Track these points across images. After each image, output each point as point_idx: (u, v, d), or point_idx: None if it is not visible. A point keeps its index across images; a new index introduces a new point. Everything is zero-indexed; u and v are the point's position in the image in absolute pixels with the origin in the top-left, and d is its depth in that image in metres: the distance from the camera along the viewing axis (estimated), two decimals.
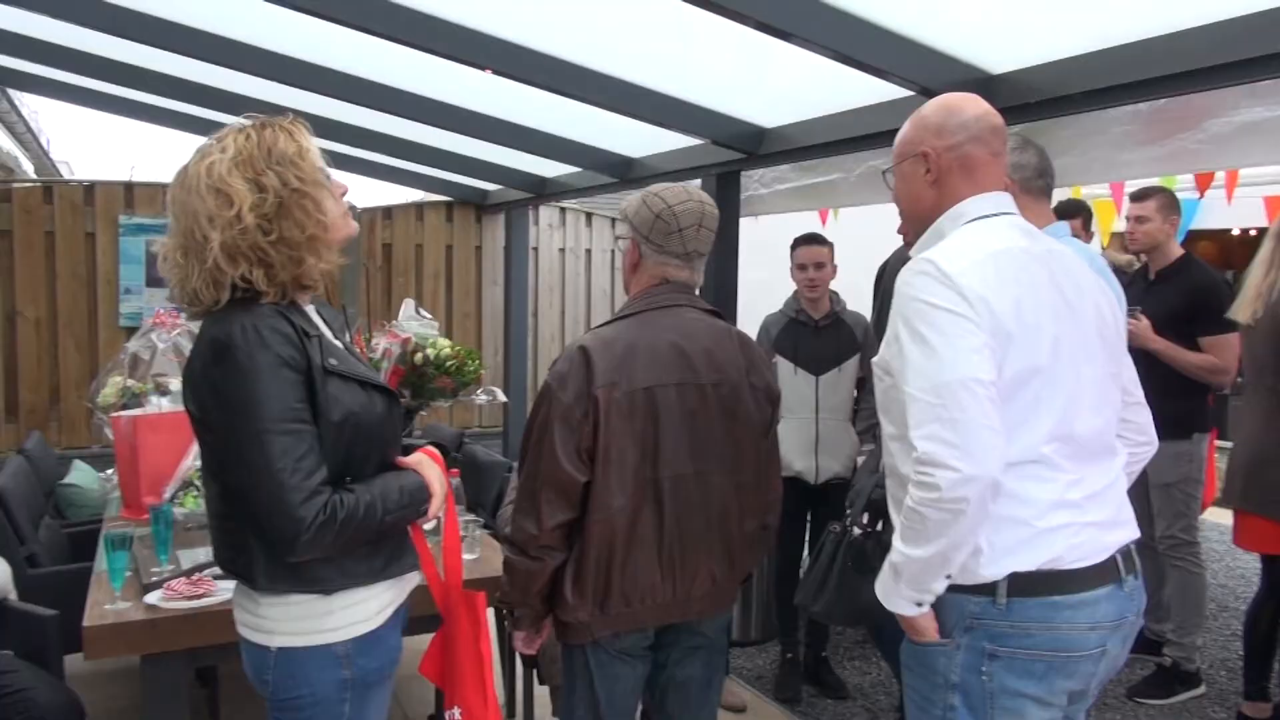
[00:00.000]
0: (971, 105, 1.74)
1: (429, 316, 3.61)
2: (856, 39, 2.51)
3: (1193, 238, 6.01)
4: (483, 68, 3.15)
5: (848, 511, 3.21)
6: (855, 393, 3.77)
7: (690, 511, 2.04)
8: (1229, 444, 3.26)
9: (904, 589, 1.62)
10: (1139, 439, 1.82)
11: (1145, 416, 1.82)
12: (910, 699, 1.74)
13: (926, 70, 2.60)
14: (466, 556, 2.77)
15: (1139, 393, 1.80)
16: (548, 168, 5.10)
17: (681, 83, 3.34)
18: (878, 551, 3.05)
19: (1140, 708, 3.56)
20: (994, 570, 1.56)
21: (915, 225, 1.82)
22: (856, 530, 3.09)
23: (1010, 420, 1.53)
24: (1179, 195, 3.59)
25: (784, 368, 3.75)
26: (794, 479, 3.70)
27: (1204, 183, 3.81)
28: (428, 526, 1.83)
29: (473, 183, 5.94)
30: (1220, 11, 2.05)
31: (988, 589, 1.58)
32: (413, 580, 1.81)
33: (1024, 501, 1.56)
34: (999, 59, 2.54)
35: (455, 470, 3.04)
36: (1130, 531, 1.68)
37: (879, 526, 3.10)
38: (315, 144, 1.69)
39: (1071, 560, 1.57)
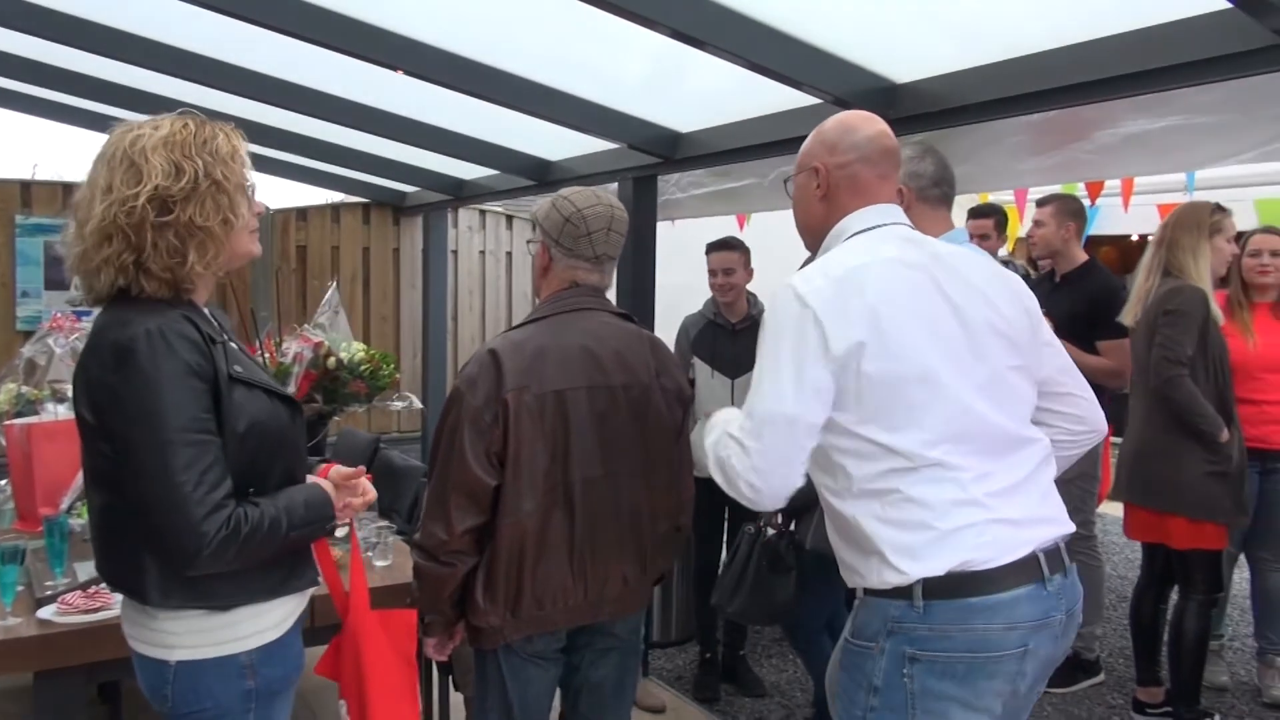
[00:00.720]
0: (867, 126, 1.79)
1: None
2: (770, 49, 2.55)
3: (1094, 243, 6.26)
4: (394, 68, 3.11)
5: (761, 512, 3.26)
6: None
7: (601, 514, 2.06)
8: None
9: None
10: (1077, 429, 1.83)
11: (1083, 407, 1.83)
12: (839, 696, 1.76)
13: (836, 80, 2.66)
14: (379, 564, 2.74)
15: (1070, 382, 1.82)
16: (465, 170, 5.06)
17: (598, 87, 3.35)
18: (791, 551, 3.12)
19: (1043, 696, 3.68)
20: (906, 576, 1.58)
21: (808, 237, 1.89)
22: (770, 530, 3.15)
23: (890, 425, 1.59)
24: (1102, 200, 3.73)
25: (701, 370, 3.79)
26: (710, 480, 3.74)
27: (1094, 191, 3.97)
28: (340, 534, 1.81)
29: (390, 184, 5.86)
30: (1105, 28, 2.14)
31: (905, 593, 1.59)
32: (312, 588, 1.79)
33: (923, 505, 1.58)
34: (902, 70, 2.62)
35: (368, 475, 3.01)
36: (1056, 528, 1.67)
37: (792, 526, 3.16)
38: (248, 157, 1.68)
39: (982, 561, 1.57)
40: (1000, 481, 1.62)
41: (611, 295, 3.71)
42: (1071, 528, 1.71)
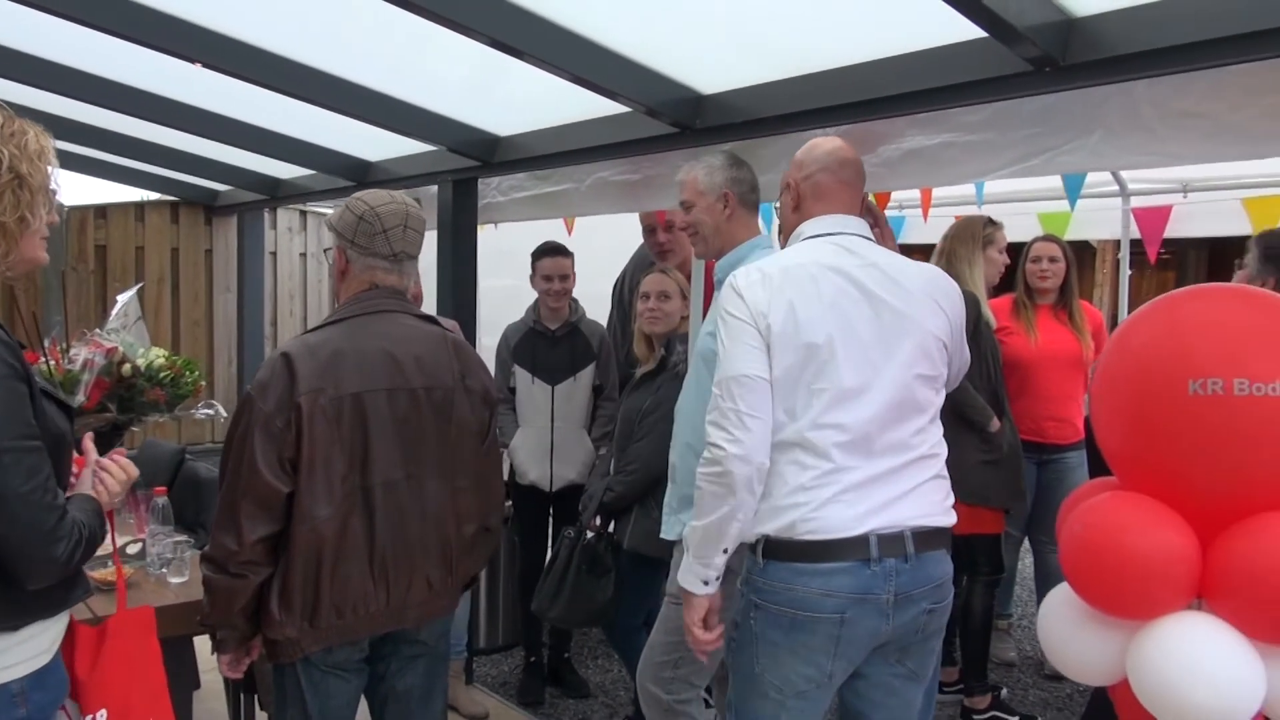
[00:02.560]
0: (828, 143, 2.12)
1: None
2: (586, 60, 2.59)
3: (903, 252, 6.62)
4: (193, 60, 2.96)
5: (580, 515, 3.30)
6: (592, 401, 3.87)
7: (403, 518, 2.03)
8: None
9: (693, 563, 1.93)
10: None
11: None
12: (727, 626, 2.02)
13: (648, 90, 2.73)
14: (174, 580, 2.61)
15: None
16: (282, 169, 4.86)
17: (417, 89, 3.30)
18: (610, 553, 3.16)
19: None
20: (752, 533, 1.89)
21: (784, 242, 2.17)
22: (589, 533, 3.18)
23: (788, 407, 1.87)
24: (889, 214, 3.96)
25: (522, 377, 3.79)
26: (531, 487, 3.76)
27: (882, 201, 4.23)
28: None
29: (201, 182, 5.56)
30: (887, 49, 2.29)
31: (754, 549, 1.90)
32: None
33: (780, 479, 1.86)
34: (707, 82, 2.71)
35: (162, 488, 2.85)
36: (911, 521, 1.86)
37: (610, 528, 3.21)
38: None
39: (808, 533, 1.82)
40: (861, 475, 1.85)
41: (431, 300, 3.73)
42: (942, 524, 1.91)
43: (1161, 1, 1.85)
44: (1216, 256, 9.05)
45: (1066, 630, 1.72)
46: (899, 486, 1.88)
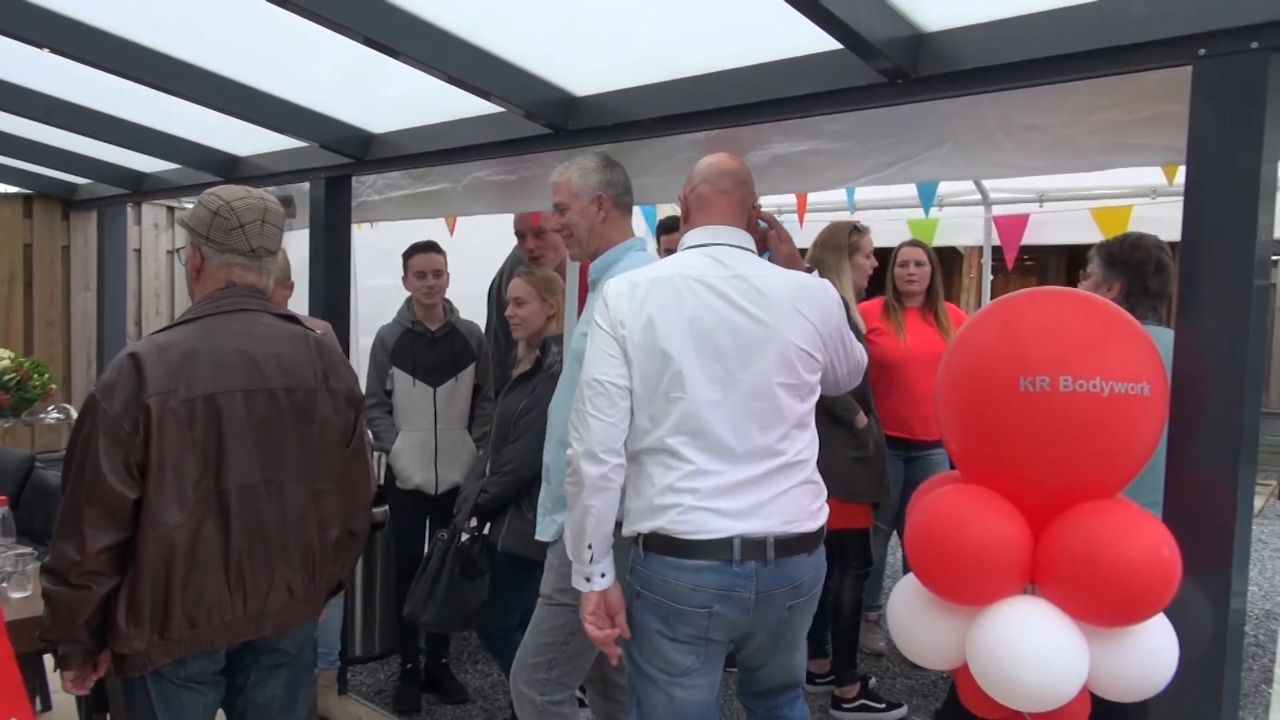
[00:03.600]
0: (713, 158, 2.21)
1: None
2: (460, 60, 2.57)
3: None
4: (40, 45, 2.81)
5: (455, 517, 3.26)
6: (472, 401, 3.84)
7: (261, 523, 1.97)
8: None
9: (574, 563, 2.05)
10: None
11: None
12: None
13: (522, 91, 2.72)
14: (15, 595, 2.48)
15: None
16: (145, 163, 4.64)
17: (288, 83, 3.20)
18: (485, 555, 3.14)
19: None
20: (631, 529, 2.04)
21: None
22: (464, 535, 3.15)
23: (650, 413, 1.99)
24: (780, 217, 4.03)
25: (402, 379, 3.72)
26: (415, 491, 3.69)
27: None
28: None
29: (56, 175, 5.25)
30: (753, 57, 2.34)
31: (635, 542, 2.04)
32: None
33: (649, 480, 2.00)
34: (580, 84, 2.72)
35: (2, 498, 2.70)
36: (774, 527, 1.97)
37: (486, 530, 3.19)
38: None
39: (680, 533, 1.95)
40: (724, 480, 1.96)
41: (304, 299, 3.63)
42: (806, 529, 2.01)
43: (1006, 19, 1.96)
44: (1075, 262, 9.58)
45: (912, 618, 1.80)
46: (765, 492, 1.98)
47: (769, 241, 2.31)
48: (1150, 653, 1.63)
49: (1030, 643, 1.58)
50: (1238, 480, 1.64)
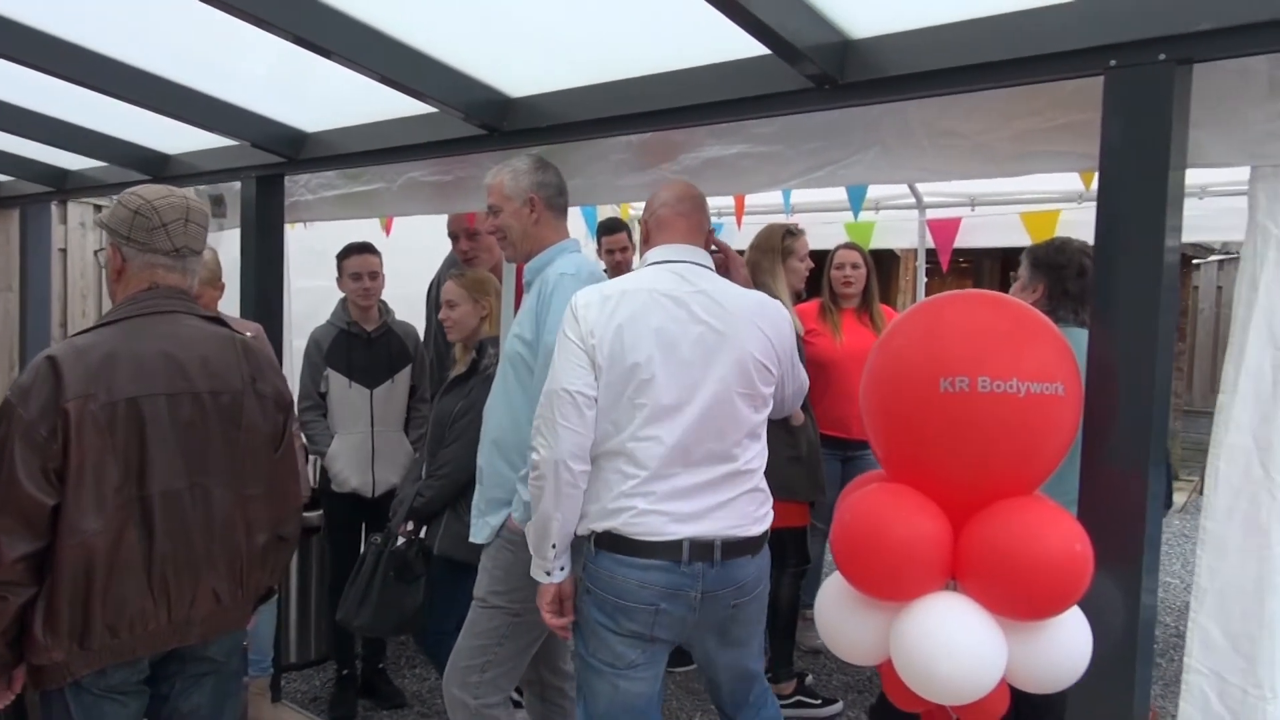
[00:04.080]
0: (674, 185, 2.33)
1: None
2: (393, 60, 2.55)
3: None
4: None
5: (390, 520, 3.23)
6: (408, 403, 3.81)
7: (185, 529, 1.94)
8: None
9: (535, 557, 2.16)
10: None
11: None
12: None
13: (455, 91, 2.71)
14: None
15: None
16: (70, 160, 4.51)
17: (218, 81, 3.14)
18: (421, 558, 3.11)
19: (666, 674, 3.97)
20: (585, 529, 2.12)
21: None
22: (400, 539, 3.12)
23: (613, 419, 2.07)
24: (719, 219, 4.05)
25: (337, 381, 3.68)
26: (351, 495, 3.64)
27: None
28: None
29: None
30: (687, 61, 2.37)
31: (589, 542, 2.12)
32: None
33: (605, 484, 2.09)
34: (514, 85, 2.72)
35: None
36: (722, 531, 2.08)
37: (421, 533, 3.16)
38: None
39: (631, 534, 2.04)
40: (679, 483, 2.06)
41: (235, 300, 3.57)
42: (751, 533, 2.13)
43: (930, 28, 2.01)
44: (1008, 265, 9.82)
45: (839, 615, 1.84)
46: (717, 496, 2.09)
47: (724, 268, 2.41)
48: (1065, 645, 1.68)
49: (949, 637, 1.62)
50: (1148, 477, 1.70)
